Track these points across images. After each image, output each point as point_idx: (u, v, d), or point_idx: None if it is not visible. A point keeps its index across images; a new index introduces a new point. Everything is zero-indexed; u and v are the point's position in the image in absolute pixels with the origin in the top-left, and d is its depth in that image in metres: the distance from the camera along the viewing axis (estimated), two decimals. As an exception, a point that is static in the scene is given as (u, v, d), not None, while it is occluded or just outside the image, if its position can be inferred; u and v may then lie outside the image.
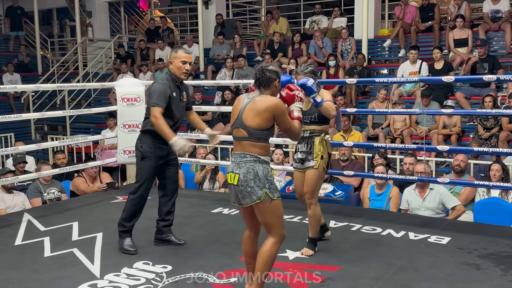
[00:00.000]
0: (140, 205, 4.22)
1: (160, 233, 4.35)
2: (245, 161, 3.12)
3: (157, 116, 3.97)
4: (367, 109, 8.57)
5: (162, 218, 4.35)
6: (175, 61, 4.12)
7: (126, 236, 4.18)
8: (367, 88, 9.76)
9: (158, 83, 4.11)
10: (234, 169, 3.14)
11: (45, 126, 13.05)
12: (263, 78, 3.18)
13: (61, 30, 17.31)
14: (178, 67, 4.11)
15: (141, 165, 4.18)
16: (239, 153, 3.17)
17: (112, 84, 6.89)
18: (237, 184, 3.12)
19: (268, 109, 3.10)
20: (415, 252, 4.06)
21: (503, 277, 3.54)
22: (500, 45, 9.46)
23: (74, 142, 7.47)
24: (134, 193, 4.19)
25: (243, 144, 3.16)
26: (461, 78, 7.62)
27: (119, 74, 11.76)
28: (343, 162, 6.91)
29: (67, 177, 7.17)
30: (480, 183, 5.29)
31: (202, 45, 11.77)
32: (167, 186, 4.33)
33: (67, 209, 5.56)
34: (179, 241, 4.32)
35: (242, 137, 3.16)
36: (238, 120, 3.17)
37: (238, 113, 3.19)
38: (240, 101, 3.24)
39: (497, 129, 7.50)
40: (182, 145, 3.90)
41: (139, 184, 4.19)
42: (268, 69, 3.20)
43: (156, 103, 4.01)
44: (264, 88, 3.19)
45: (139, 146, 4.19)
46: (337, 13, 11.19)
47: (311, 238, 4.06)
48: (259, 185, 3.08)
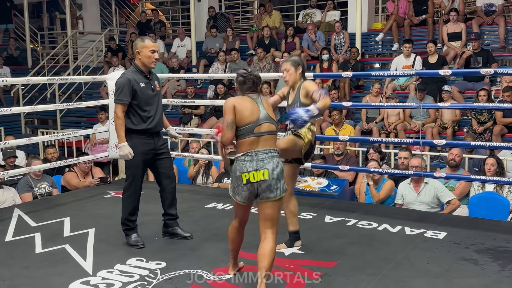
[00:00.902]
0: (136, 201, 4.18)
1: (166, 227, 4.34)
2: (271, 156, 3.19)
3: (118, 114, 4.00)
4: (362, 103, 8.53)
5: (166, 211, 4.33)
6: (144, 50, 4.05)
7: (131, 233, 4.14)
8: (361, 82, 9.73)
9: (121, 77, 4.03)
10: (259, 167, 3.14)
11: (35, 120, 12.91)
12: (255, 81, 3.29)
13: (51, 23, 17.13)
14: (147, 56, 4.05)
15: (128, 162, 4.13)
16: (262, 149, 3.19)
17: (103, 77, 6.80)
18: (268, 179, 3.13)
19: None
20: (412, 247, 4.02)
21: (501, 272, 3.52)
22: (494, 39, 9.45)
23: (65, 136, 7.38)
24: (127, 191, 4.15)
25: (267, 139, 3.21)
26: (457, 72, 7.60)
27: (110, 67, 11.65)
28: (337, 156, 6.87)
29: (58, 172, 7.08)
30: (476, 178, 5.27)
31: (195, 39, 11.66)
32: (162, 181, 4.29)
33: (58, 204, 5.48)
34: (185, 234, 4.30)
35: (271, 131, 3.23)
36: (265, 116, 3.23)
37: (258, 111, 3.23)
38: (244, 101, 3.26)
39: (491, 123, 7.49)
40: (126, 154, 4.00)
41: (130, 181, 4.16)
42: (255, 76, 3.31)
43: (119, 100, 3.99)
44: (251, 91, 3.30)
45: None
46: (330, 6, 11.12)
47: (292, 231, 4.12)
48: (282, 179, 3.20)
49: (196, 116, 9.77)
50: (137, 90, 4.02)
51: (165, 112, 10.95)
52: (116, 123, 4.02)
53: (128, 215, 4.15)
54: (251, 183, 3.16)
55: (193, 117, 9.75)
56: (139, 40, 4.12)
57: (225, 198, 5.50)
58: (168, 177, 4.30)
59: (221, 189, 6.23)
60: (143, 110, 4.06)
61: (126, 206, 4.15)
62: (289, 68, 3.96)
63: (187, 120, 9.72)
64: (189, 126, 9.50)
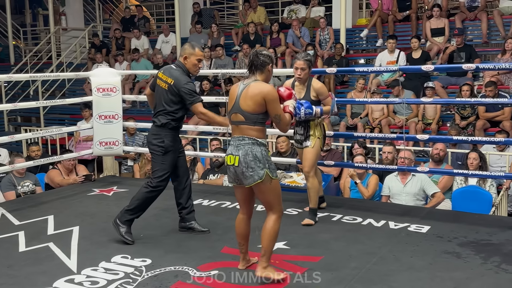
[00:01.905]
0: (154, 199, 4.21)
1: (184, 221, 4.36)
2: (244, 143, 3.31)
3: (202, 111, 4.09)
4: (346, 99, 8.57)
5: (183, 206, 4.35)
6: (192, 58, 4.14)
7: (127, 224, 4.11)
8: (346, 77, 9.77)
9: (190, 82, 4.12)
10: (233, 151, 3.34)
11: (18, 117, 12.77)
12: (258, 62, 3.35)
13: (34, 19, 16.92)
14: (194, 64, 4.16)
15: (164, 159, 4.16)
16: (237, 136, 3.35)
17: (87, 74, 6.74)
18: (238, 165, 3.30)
19: (260, 94, 3.28)
20: (396, 241, 4.06)
21: (484, 265, 3.56)
22: (477, 34, 9.54)
23: (48, 134, 7.31)
24: (155, 187, 4.15)
25: (241, 128, 3.34)
26: (440, 67, 7.67)
27: (94, 63, 11.55)
28: (322, 152, 6.89)
29: (42, 170, 7.02)
30: (459, 172, 5.33)
31: (179, 34, 11.60)
32: (181, 175, 4.35)
33: (42, 202, 5.43)
34: (202, 229, 4.32)
35: (239, 121, 3.34)
36: (236, 106, 3.35)
37: (235, 99, 3.36)
38: (236, 88, 3.41)
39: (474, 118, 7.57)
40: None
41: (163, 178, 4.17)
42: (262, 54, 3.37)
43: (199, 100, 4.08)
44: (258, 72, 3.37)
45: (159, 141, 4.15)
46: (315, 2, 11.14)
47: (311, 208, 4.48)
48: (259, 165, 3.27)
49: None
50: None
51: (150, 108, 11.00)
52: (210, 116, 4.17)
53: (136, 209, 4.12)
54: (229, 165, 3.37)
55: (179, 114, 9.69)
56: (189, 46, 4.17)
57: (210, 195, 5.49)
58: (186, 170, 4.42)
59: (206, 186, 6.22)
60: (183, 110, 4.19)
61: (142, 201, 4.12)
62: (306, 68, 4.33)
63: (172, 116, 9.66)
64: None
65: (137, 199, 4.15)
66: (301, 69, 4.33)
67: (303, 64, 4.28)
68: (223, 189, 5.96)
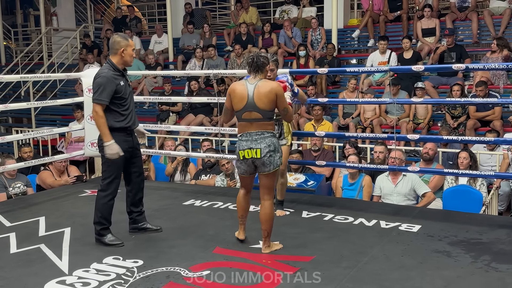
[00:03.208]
0: (113, 201, 4.15)
1: (135, 223, 4.33)
2: (264, 137, 3.73)
3: (99, 113, 3.95)
4: (338, 99, 8.60)
5: (133, 209, 4.31)
6: (128, 49, 4.07)
7: (106, 232, 4.09)
8: (337, 78, 9.79)
9: (102, 77, 3.98)
10: (252, 145, 3.72)
11: (9, 118, 12.71)
12: (259, 63, 3.75)
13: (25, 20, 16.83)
14: (131, 55, 4.09)
15: (108, 160, 4.07)
16: (255, 131, 3.73)
17: (78, 74, 6.71)
18: (260, 157, 3.70)
19: (272, 91, 3.71)
20: (387, 240, 4.08)
21: (474, 264, 3.59)
22: (467, 34, 9.60)
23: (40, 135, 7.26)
24: (105, 190, 4.09)
25: (258, 124, 3.73)
26: (430, 67, 7.71)
27: (85, 64, 11.51)
28: (314, 152, 6.92)
29: (33, 171, 6.99)
30: (450, 171, 5.36)
31: (171, 35, 11.59)
32: (134, 179, 4.29)
33: (33, 203, 5.41)
34: (156, 228, 4.34)
35: (256, 118, 3.72)
36: (250, 105, 3.71)
37: (247, 98, 3.71)
38: (242, 87, 3.75)
39: (465, 118, 7.62)
40: (115, 152, 3.97)
41: (110, 180, 4.09)
42: (262, 56, 3.81)
43: (99, 100, 3.95)
44: (259, 72, 3.77)
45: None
46: (306, 2, 11.16)
47: (279, 200, 4.85)
48: (277, 155, 3.77)
49: (173, 113, 9.72)
50: (117, 88, 4.01)
51: (142, 109, 11.04)
52: (99, 122, 3.96)
53: (107, 214, 4.09)
54: (246, 159, 3.73)
55: (171, 114, 9.70)
56: (122, 38, 4.08)
57: (203, 195, 5.50)
58: (141, 174, 4.34)
59: (199, 186, 6.22)
60: (123, 107, 4.06)
61: (103, 206, 4.08)
62: (274, 68, 4.56)
63: (165, 117, 9.67)
64: (166, 123, 9.45)
65: (95, 209, 4.11)
66: (270, 70, 4.50)
67: (272, 65, 4.47)
68: (215, 189, 5.96)
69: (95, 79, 4.02)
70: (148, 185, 6.18)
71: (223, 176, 6.34)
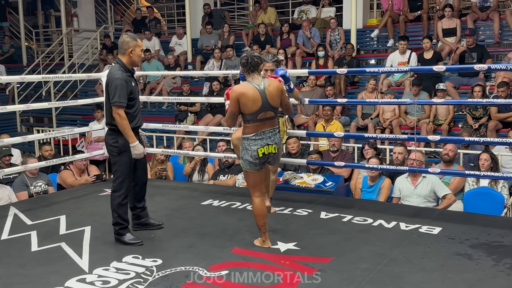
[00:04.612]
0: (127, 200, 4.20)
1: (138, 218, 4.41)
2: (275, 133, 3.97)
3: (122, 115, 4.02)
4: (357, 99, 8.55)
5: (137, 205, 4.40)
6: (137, 49, 4.12)
7: (125, 232, 4.14)
8: (356, 78, 9.74)
9: (118, 79, 4.02)
10: (269, 142, 3.90)
11: (30, 118, 12.88)
12: (253, 63, 3.85)
13: (46, 21, 17.06)
14: (139, 55, 4.15)
15: (119, 159, 4.12)
16: (269, 129, 3.90)
17: (99, 75, 6.78)
18: (277, 152, 3.96)
19: (278, 88, 3.91)
20: (407, 242, 4.04)
21: (495, 267, 3.54)
22: (488, 34, 9.47)
23: (60, 134, 7.36)
24: (118, 190, 4.13)
25: (270, 122, 3.90)
26: (452, 68, 7.62)
27: (105, 65, 11.62)
28: (333, 152, 6.88)
29: (53, 170, 7.07)
30: (470, 173, 5.28)
31: (190, 36, 11.64)
32: (139, 177, 4.37)
33: (54, 202, 5.48)
34: (158, 223, 4.44)
35: (269, 117, 3.88)
36: (265, 105, 3.83)
37: (260, 100, 3.80)
38: (252, 90, 3.80)
39: (486, 119, 7.51)
40: (141, 152, 4.11)
41: (121, 180, 4.14)
42: (255, 56, 3.91)
43: (119, 102, 4.01)
44: (254, 72, 3.87)
45: (113, 142, 4.13)
46: (325, 2, 11.11)
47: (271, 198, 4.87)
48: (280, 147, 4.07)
49: (192, 113, 9.77)
50: (131, 90, 4.08)
51: (160, 109, 11.11)
52: (123, 124, 4.03)
53: (123, 214, 4.14)
54: (265, 155, 3.89)
55: (189, 114, 9.74)
56: (131, 39, 4.12)
57: (221, 195, 5.50)
58: (145, 171, 4.44)
59: (217, 186, 6.23)
60: (132, 108, 4.14)
61: (119, 206, 4.12)
62: (274, 68, 4.59)
63: (183, 117, 9.71)
64: (185, 123, 9.50)
65: (112, 210, 4.16)
66: (270, 70, 4.56)
67: (272, 65, 4.53)
68: (233, 189, 5.97)
69: (111, 81, 4.06)
70: (167, 185, 6.27)
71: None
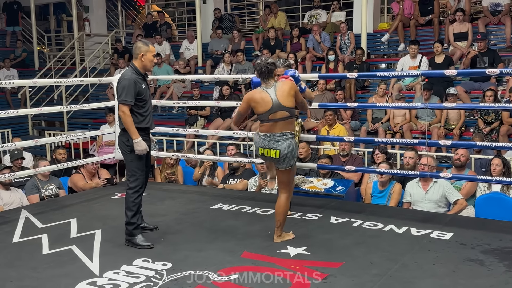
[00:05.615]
0: (141, 198, 4.25)
1: None
2: (285, 138, 3.99)
3: (126, 112, 4.13)
4: (367, 104, 8.52)
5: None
6: (148, 54, 4.25)
7: (137, 233, 4.17)
8: (367, 82, 9.71)
9: (126, 79, 4.17)
10: (272, 146, 3.98)
11: (42, 121, 12.97)
12: (267, 71, 4.01)
13: (58, 25, 17.21)
14: (150, 60, 4.27)
15: (132, 157, 4.21)
16: (278, 133, 3.98)
17: (110, 79, 6.82)
18: (279, 158, 3.98)
19: (292, 88, 4.01)
20: (418, 248, 4.01)
21: (508, 273, 3.50)
22: (500, 38, 9.40)
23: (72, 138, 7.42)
24: (133, 188, 4.19)
25: (282, 124, 3.97)
26: (464, 72, 7.56)
27: (116, 69, 11.68)
28: (343, 157, 6.86)
29: (65, 173, 7.11)
30: (482, 178, 5.24)
31: (200, 40, 11.69)
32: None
33: (65, 205, 5.51)
34: (152, 227, 4.49)
35: (281, 118, 3.96)
36: (276, 106, 3.95)
37: (271, 101, 3.95)
38: (263, 94, 4.00)
39: (498, 124, 7.46)
40: (144, 148, 4.16)
41: (136, 178, 4.21)
42: (268, 63, 4.04)
43: (125, 100, 4.13)
44: (269, 78, 4.04)
45: (125, 141, 4.21)
46: (336, 7, 11.11)
47: None
48: (293, 156, 4.02)
49: (202, 118, 9.80)
50: (139, 90, 4.19)
51: (171, 113, 11.15)
52: (127, 121, 4.15)
53: (134, 213, 4.17)
54: (265, 156, 4.04)
55: (199, 119, 9.77)
56: (143, 44, 4.26)
57: (231, 199, 5.51)
58: (147, 173, 4.47)
59: (226, 190, 6.24)
60: (143, 109, 4.25)
61: (134, 204, 4.17)
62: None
63: (193, 121, 9.74)
64: (195, 127, 9.53)
65: (126, 209, 4.19)
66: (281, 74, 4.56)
67: (284, 70, 4.52)
68: (243, 193, 5.97)
69: (119, 82, 4.21)
70: (176, 189, 6.29)
71: (257, 177, 6.30)
